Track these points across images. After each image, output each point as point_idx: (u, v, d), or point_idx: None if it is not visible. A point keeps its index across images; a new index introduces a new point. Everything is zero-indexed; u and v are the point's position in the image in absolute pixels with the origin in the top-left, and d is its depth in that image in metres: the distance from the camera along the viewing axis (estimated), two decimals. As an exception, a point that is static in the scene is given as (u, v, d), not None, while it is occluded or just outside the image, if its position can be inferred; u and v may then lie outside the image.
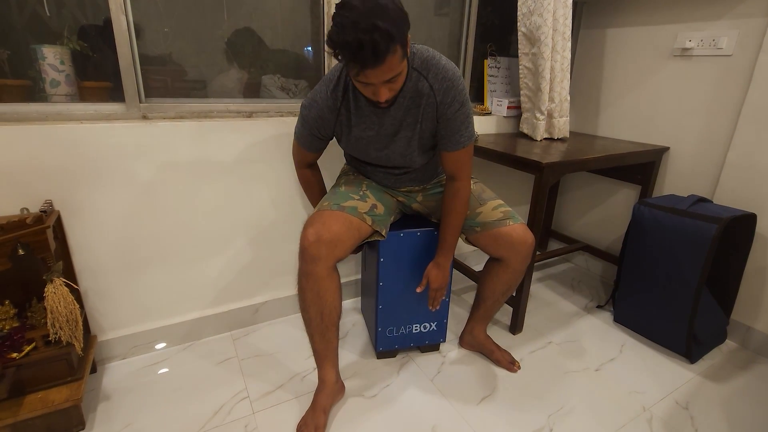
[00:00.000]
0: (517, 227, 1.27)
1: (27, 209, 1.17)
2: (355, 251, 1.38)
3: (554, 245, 2.40)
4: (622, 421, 1.28)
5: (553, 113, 1.86)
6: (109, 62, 1.34)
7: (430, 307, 1.37)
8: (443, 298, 1.38)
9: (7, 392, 1.03)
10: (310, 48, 1.69)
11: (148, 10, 1.36)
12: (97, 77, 1.36)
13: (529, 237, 1.27)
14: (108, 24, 1.27)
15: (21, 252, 1.06)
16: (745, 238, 1.53)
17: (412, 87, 1.10)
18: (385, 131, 1.16)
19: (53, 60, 1.26)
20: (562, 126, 1.90)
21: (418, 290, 1.35)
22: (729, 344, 1.66)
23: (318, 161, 1.38)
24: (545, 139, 1.91)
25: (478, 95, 2.06)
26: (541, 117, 1.81)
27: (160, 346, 1.51)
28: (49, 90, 1.28)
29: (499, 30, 2.07)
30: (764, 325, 1.59)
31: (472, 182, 1.38)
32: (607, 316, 1.83)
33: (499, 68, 2.05)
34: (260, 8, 1.55)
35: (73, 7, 1.33)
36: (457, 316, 1.76)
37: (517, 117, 2.01)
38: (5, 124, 1.15)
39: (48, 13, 1.32)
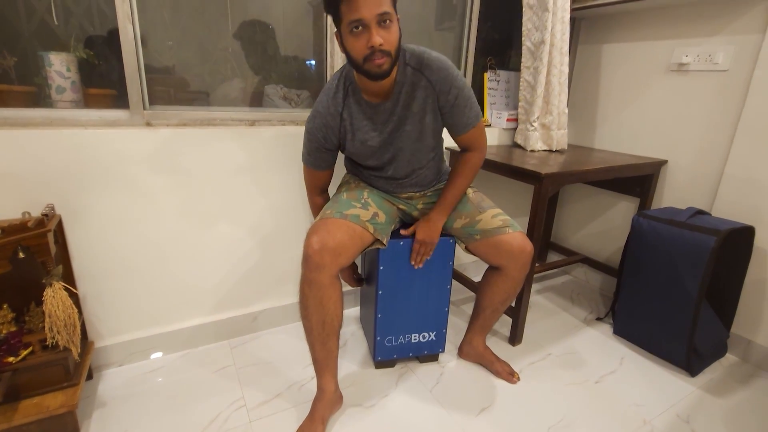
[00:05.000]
0: (516, 235, 1.27)
1: (29, 213, 1.17)
2: (355, 284, 1.40)
3: (554, 257, 2.40)
4: (622, 433, 1.27)
5: (551, 126, 1.88)
6: (114, 71, 1.36)
7: (412, 263, 1.33)
8: (427, 257, 1.33)
9: (1, 396, 1.01)
10: (313, 62, 1.72)
11: (153, 20, 1.39)
12: (101, 85, 1.38)
13: (528, 245, 1.27)
14: (114, 34, 1.30)
15: (21, 255, 1.06)
16: (744, 250, 1.54)
17: (408, 82, 1.15)
18: (387, 130, 1.19)
19: (60, 67, 1.28)
20: (561, 138, 1.92)
21: (403, 232, 1.33)
22: (730, 358, 1.66)
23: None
24: (544, 150, 1.92)
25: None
26: (531, 128, 1.84)
27: (158, 353, 1.50)
28: (55, 96, 1.30)
29: (498, 44, 2.11)
30: (765, 338, 1.58)
31: (471, 191, 1.40)
32: (606, 328, 1.82)
33: (498, 81, 2.08)
34: (264, 18, 1.58)
35: (81, 16, 1.36)
36: (456, 327, 1.75)
37: (516, 129, 2.03)
38: (11, 128, 1.16)
39: (56, 22, 1.35)
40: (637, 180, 1.89)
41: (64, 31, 1.34)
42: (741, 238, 1.52)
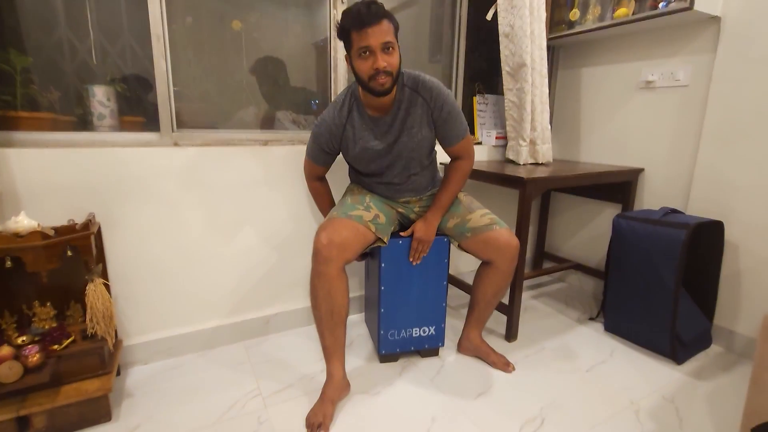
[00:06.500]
0: (503, 231, 1.42)
1: (73, 220, 1.34)
2: (360, 258, 1.54)
3: (548, 266, 2.52)
4: (610, 412, 1.36)
5: (536, 141, 2.06)
6: (144, 101, 1.57)
7: (411, 260, 1.48)
8: (424, 254, 1.48)
9: (49, 377, 1.15)
10: (316, 101, 1.94)
11: (180, 55, 1.61)
12: (132, 113, 1.59)
13: (513, 239, 1.42)
14: (143, 72, 1.52)
15: (69, 253, 1.22)
16: (716, 245, 1.67)
17: (406, 99, 1.33)
18: (386, 140, 1.37)
19: (101, 97, 1.49)
20: (546, 152, 2.09)
21: (402, 234, 1.48)
22: (715, 348, 1.75)
23: (328, 178, 1.57)
24: (531, 164, 2.10)
25: (470, 128, 2.28)
26: (524, 143, 2.02)
27: (180, 352, 1.63)
28: (96, 122, 1.50)
29: (485, 72, 2.33)
30: (745, 328, 1.69)
31: (462, 194, 1.56)
32: (598, 326, 1.92)
33: (486, 104, 2.28)
34: (275, 54, 1.81)
35: (116, 56, 1.58)
36: (456, 329, 1.86)
37: (505, 146, 2.22)
38: (60, 148, 1.35)
39: (95, 61, 1.57)
40: (618, 187, 2.05)
41: (101, 68, 1.56)
42: (711, 232, 1.66)
